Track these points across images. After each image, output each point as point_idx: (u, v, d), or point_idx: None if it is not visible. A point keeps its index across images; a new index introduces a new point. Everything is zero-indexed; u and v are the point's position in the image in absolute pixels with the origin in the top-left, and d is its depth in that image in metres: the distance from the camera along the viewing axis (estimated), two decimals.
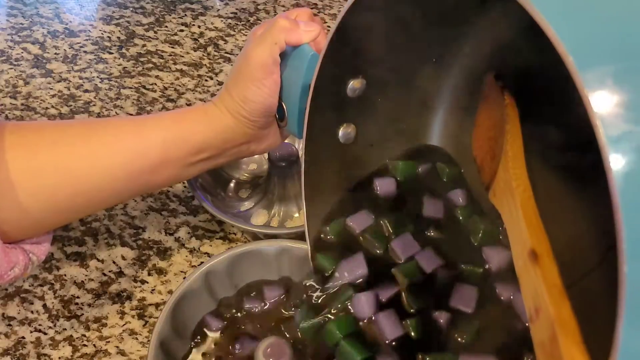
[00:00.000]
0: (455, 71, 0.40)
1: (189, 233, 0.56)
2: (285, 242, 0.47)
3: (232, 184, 0.58)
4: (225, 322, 0.46)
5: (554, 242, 0.26)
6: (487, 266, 0.37)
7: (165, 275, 0.53)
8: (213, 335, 0.45)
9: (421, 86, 0.41)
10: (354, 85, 0.38)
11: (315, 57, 0.40)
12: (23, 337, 0.49)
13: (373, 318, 0.36)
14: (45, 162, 0.37)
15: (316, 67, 0.35)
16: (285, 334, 0.45)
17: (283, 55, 0.41)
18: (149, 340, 0.46)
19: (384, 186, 0.42)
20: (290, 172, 0.53)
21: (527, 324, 0.33)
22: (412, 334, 0.35)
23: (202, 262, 0.49)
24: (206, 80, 0.69)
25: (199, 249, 0.55)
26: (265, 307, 0.47)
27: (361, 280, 0.38)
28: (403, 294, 0.37)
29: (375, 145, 0.42)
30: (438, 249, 0.39)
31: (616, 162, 0.18)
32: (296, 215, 0.56)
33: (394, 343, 0.35)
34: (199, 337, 0.45)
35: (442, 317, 0.36)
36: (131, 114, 0.65)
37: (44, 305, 0.51)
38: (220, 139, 0.42)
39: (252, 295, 0.47)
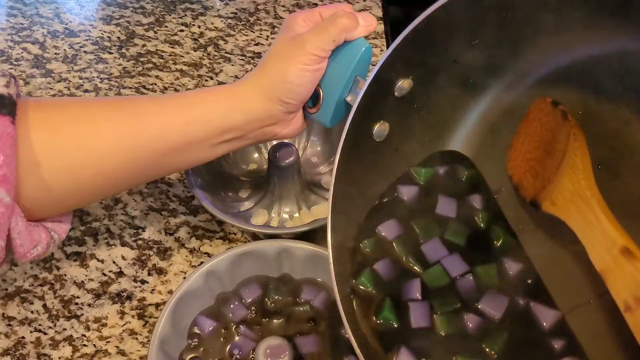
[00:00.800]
0: (497, 90, 0.42)
1: (189, 233, 0.56)
2: (285, 242, 0.47)
3: (232, 184, 0.58)
4: (218, 323, 0.46)
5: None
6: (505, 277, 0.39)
7: (165, 275, 0.53)
8: (205, 335, 0.45)
9: (457, 98, 0.42)
10: (403, 84, 0.38)
11: (368, 51, 0.41)
12: (23, 337, 0.49)
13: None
14: (68, 141, 0.37)
15: (381, 59, 0.35)
16: (285, 334, 0.45)
17: None
18: (149, 340, 0.46)
19: (407, 193, 0.42)
20: (290, 172, 0.53)
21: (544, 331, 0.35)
22: (441, 331, 0.37)
23: (202, 262, 0.49)
24: (206, 80, 0.69)
25: (199, 249, 0.55)
26: (248, 309, 0.47)
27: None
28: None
29: (399, 149, 0.42)
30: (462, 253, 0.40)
31: None
32: (296, 215, 0.56)
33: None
34: (194, 338, 0.45)
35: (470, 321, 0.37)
36: None
37: (44, 305, 0.51)
38: (244, 120, 0.41)
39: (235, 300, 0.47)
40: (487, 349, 0.36)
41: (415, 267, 0.40)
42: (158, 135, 0.39)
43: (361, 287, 0.39)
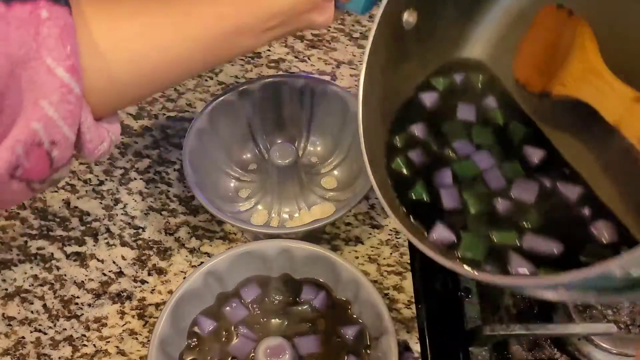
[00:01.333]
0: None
1: (189, 233, 0.56)
2: (285, 242, 0.47)
3: (232, 184, 0.58)
4: (218, 323, 0.46)
5: None
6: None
7: (165, 275, 0.53)
8: (205, 335, 0.45)
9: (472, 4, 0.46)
10: None
11: None
12: (23, 337, 0.49)
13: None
14: (130, 32, 0.36)
15: None
16: (285, 334, 0.45)
17: None
18: (149, 340, 0.46)
19: (429, 99, 0.45)
20: (290, 172, 0.53)
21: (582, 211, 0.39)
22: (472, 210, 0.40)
23: (202, 262, 0.49)
24: (206, 80, 0.69)
25: (199, 249, 0.55)
26: (249, 309, 0.47)
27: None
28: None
29: (422, 43, 0.44)
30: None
31: None
32: (296, 215, 0.56)
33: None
34: (194, 338, 0.45)
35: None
36: (131, 114, 0.65)
37: (44, 305, 0.51)
38: (290, 4, 0.42)
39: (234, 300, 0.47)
40: (521, 223, 0.38)
41: (447, 156, 0.43)
42: (212, 23, 0.40)
43: (395, 169, 0.42)
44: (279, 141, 0.56)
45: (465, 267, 0.36)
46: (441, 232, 0.38)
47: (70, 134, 0.33)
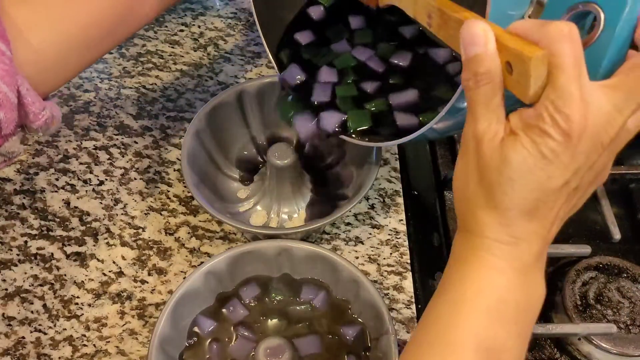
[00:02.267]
0: None
1: (189, 233, 0.56)
2: (285, 242, 0.47)
3: (231, 185, 0.58)
4: (217, 323, 0.46)
5: None
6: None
7: (165, 275, 0.53)
8: (205, 335, 0.45)
9: None
10: None
11: None
12: (23, 337, 0.49)
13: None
14: (48, 15, 0.40)
15: None
16: (284, 334, 0.45)
17: None
18: (149, 340, 0.46)
19: (315, 12, 0.54)
20: (289, 172, 0.53)
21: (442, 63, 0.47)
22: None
23: (202, 262, 0.49)
24: (206, 80, 0.69)
25: (199, 249, 0.55)
26: (248, 309, 0.47)
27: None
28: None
29: None
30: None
31: None
32: (295, 215, 0.56)
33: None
34: (194, 338, 0.45)
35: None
36: (131, 114, 0.65)
37: (44, 305, 0.51)
38: None
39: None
40: (388, 94, 0.47)
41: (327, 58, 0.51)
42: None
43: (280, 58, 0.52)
44: (278, 142, 0.56)
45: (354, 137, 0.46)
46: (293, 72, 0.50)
47: (10, 93, 0.35)
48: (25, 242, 0.55)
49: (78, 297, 0.52)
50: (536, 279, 0.31)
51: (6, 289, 0.52)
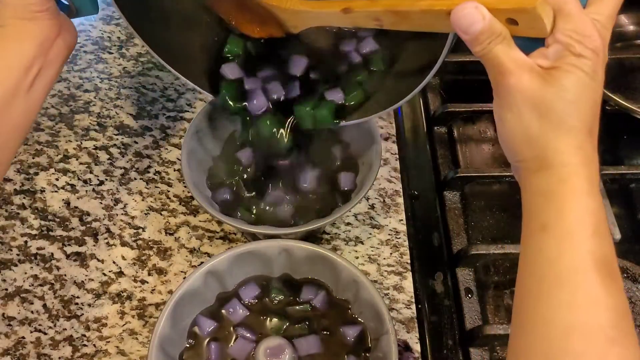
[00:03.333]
0: None
1: (189, 233, 0.56)
2: (285, 242, 0.47)
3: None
4: (218, 323, 0.46)
5: None
6: None
7: (165, 275, 0.53)
8: (205, 336, 0.45)
9: None
10: None
11: None
12: (23, 337, 0.49)
13: None
14: None
15: None
16: (284, 334, 0.45)
17: None
18: (149, 340, 0.46)
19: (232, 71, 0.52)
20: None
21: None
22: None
23: (202, 262, 0.49)
24: None
25: (199, 249, 0.55)
26: (248, 309, 0.47)
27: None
28: None
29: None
30: None
31: None
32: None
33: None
34: (194, 338, 0.45)
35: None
36: (131, 114, 0.65)
37: (44, 305, 0.51)
38: (34, 47, 0.41)
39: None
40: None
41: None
42: None
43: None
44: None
45: None
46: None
47: None
48: (25, 242, 0.55)
49: (78, 297, 0.52)
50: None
51: (6, 289, 0.52)
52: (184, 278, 0.46)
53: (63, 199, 0.58)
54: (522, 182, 0.34)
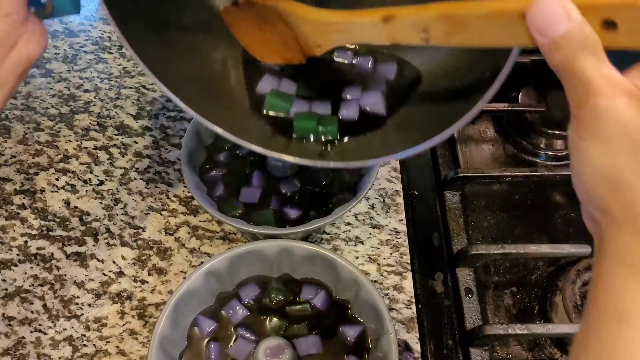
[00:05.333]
0: None
1: (189, 233, 0.56)
2: (285, 242, 0.47)
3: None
4: (217, 323, 0.46)
5: None
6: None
7: (165, 275, 0.53)
8: (205, 336, 0.45)
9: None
10: None
11: None
12: (23, 337, 0.49)
13: None
14: None
15: None
16: (284, 334, 0.45)
17: None
18: (149, 340, 0.46)
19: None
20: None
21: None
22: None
23: (202, 262, 0.49)
24: None
25: (199, 249, 0.55)
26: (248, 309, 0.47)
27: None
28: None
29: None
30: None
31: None
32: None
33: None
34: (194, 338, 0.45)
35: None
36: (131, 114, 0.65)
37: (44, 305, 0.51)
38: None
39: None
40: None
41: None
42: None
43: None
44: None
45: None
46: None
47: None
48: (25, 242, 0.55)
49: (78, 297, 0.52)
50: None
51: (6, 289, 0.52)
52: (184, 278, 0.46)
53: (63, 199, 0.58)
54: (600, 240, 0.26)
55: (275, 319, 0.46)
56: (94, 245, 0.55)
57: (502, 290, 0.56)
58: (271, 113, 0.44)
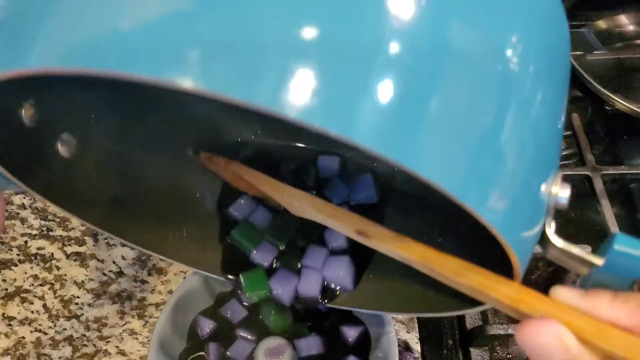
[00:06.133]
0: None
1: None
2: None
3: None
4: (217, 323, 0.46)
5: None
6: None
7: (165, 275, 0.53)
8: (204, 336, 0.45)
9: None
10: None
11: None
12: (23, 337, 0.49)
13: None
14: None
15: None
16: (284, 334, 0.45)
17: None
18: (149, 340, 0.46)
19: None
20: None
21: None
22: None
23: None
24: None
25: None
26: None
27: None
28: None
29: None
30: None
31: None
32: None
33: None
34: (194, 338, 0.45)
35: None
36: None
37: (44, 305, 0.51)
38: None
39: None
40: None
41: None
42: None
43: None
44: None
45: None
46: None
47: None
48: (25, 242, 0.55)
49: (78, 297, 0.52)
50: None
51: (6, 289, 0.52)
52: (184, 278, 0.46)
53: None
54: None
55: (275, 319, 0.46)
56: (94, 245, 0.55)
57: None
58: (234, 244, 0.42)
